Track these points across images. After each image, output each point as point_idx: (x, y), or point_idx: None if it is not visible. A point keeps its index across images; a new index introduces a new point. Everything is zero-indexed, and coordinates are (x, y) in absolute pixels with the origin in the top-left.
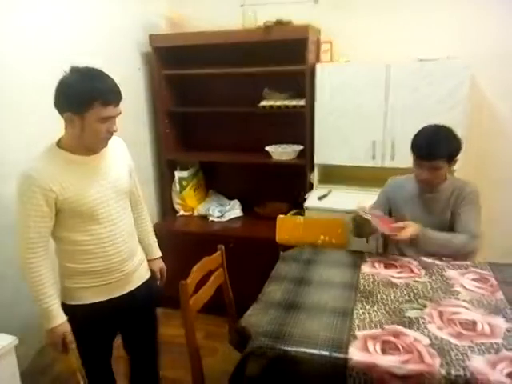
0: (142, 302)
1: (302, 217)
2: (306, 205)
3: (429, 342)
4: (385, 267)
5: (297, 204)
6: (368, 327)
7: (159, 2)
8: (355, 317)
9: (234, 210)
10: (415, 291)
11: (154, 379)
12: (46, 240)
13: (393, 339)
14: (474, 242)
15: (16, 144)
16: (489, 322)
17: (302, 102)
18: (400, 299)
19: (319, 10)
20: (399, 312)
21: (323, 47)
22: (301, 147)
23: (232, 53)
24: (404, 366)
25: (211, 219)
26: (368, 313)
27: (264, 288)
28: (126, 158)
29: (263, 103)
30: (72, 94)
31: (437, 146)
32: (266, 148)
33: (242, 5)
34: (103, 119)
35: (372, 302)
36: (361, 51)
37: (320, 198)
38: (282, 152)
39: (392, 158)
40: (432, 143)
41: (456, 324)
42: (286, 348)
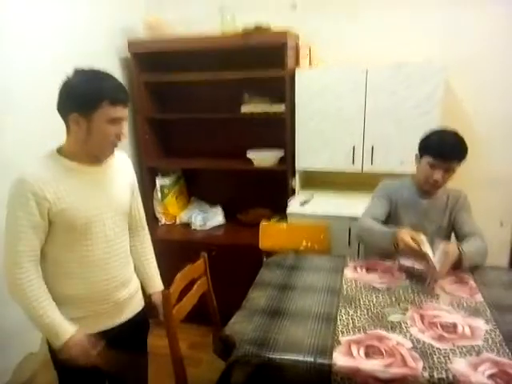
0: (133, 338)
1: (285, 223)
2: (289, 211)
3: (411, 346)
4: (367, 272)
5: (279, 210)
6: (351, 332)
7: (137, 7)
8: (339, 322)
9: (217, 218)
10: (397, 295)
11: None
12: (37, 254)
13: (376, 343)
14: (486, 242)
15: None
16: (469, 325)
17: (283, 107)
18: (382, 303)
19: (297, 16)
20: (382, 316)
21: (302, 52)
22: (282, 153)
23: (211, 58)
24: (387, 370)
25: (194, 227)
26: (351, 318)
27: (248, 295)
28: (130, 176)
29: (244, 109)
30: (79, 94)
31: (458, 148)
32: (248, 155)
33: (221, 10)
34: (112, 120)
35: (355, 307)
36: (340, 56)
37: (302, 204)
38: (263, 158)
39: (371, 163)
40: (455, 144)
41: (437, 327)
42: (271, 355)
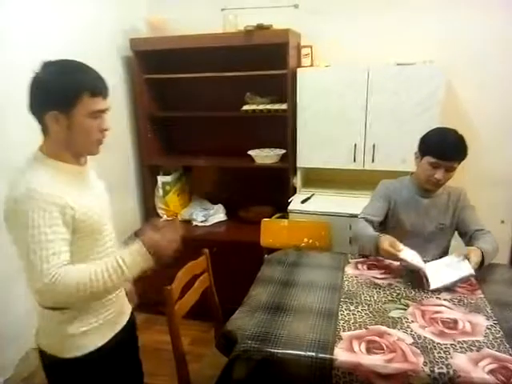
0: (132, 335)
1: (286, 220)
2: (290, 208)
3: (412, 341)
4: (368, 268)
5: (280, 208)
6: (353, 328)
7: (140, 6)
8: (340, 318)
9: (218, 215)
10: (398, 291)
11: None
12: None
13: (377, 339)
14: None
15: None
16: (470, 321)
17: (284, 106)
18: (383, 299)
19: (299, 15)
20: (383, 312)
21: (304, 51)
22: (283, 151)
23: (213, 57)
24: (388, 365)
25: (195, 224)
26: (352, 314)
27: (249, 291)
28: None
29: (245, 107)
30: (54, 90)
31: (460, 148)
32: (249, 152)
33: (223, 9)
34: (93, 113)
35: (356, 303)
36: (341, 55)
37: (303, 202)
38: (265, 156)
39: (373, 161)
40: (457, 144)
41: (438, 323)
42: (273, 350)
